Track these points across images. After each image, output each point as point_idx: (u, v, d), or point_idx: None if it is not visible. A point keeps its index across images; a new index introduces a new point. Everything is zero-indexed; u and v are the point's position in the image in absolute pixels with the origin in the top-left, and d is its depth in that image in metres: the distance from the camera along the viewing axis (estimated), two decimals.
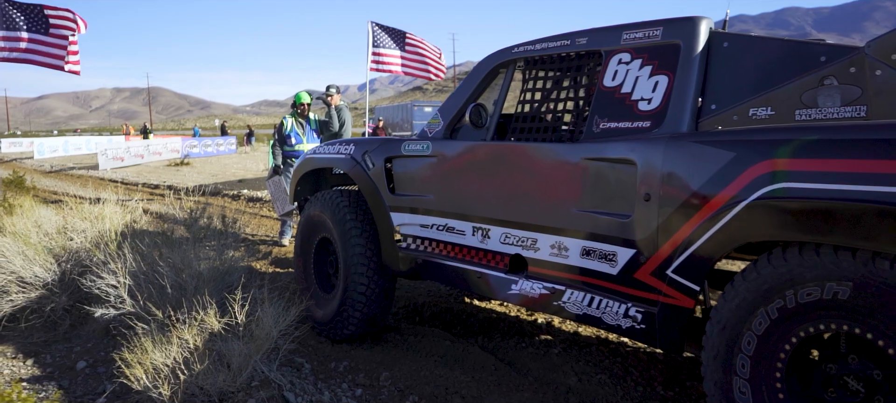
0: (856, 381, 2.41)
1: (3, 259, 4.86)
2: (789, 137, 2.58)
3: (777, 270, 2.55)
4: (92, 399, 3.69)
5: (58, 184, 18.72)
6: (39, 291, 4.74)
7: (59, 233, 5.59)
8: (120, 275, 4.42)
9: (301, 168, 5.35)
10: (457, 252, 4.12)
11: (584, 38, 3.61)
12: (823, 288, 2.41)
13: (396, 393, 3.84)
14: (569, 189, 3.39)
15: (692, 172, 2.85)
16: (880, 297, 2.25)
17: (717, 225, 2.72)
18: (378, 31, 12.64)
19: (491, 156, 3.87)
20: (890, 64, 2.57)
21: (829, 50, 2.79)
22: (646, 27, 3.34)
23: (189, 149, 31.21)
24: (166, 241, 4.84)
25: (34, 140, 42.73)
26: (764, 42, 3.01)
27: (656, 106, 3.17)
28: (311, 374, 4.04)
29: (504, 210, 3.75)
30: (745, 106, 2.94)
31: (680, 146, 2.95)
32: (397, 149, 4.44)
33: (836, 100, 2.73)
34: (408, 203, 4.37)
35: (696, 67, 3.10)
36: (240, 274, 4.74)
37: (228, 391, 3.46)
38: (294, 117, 8.64)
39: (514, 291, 3.69)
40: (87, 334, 4.61)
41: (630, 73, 3.34)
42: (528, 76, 3.99)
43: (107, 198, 6.18)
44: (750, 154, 2.64)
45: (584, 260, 3.35)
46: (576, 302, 3.39)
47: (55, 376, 4.04)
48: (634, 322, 3.12)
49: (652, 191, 2.98)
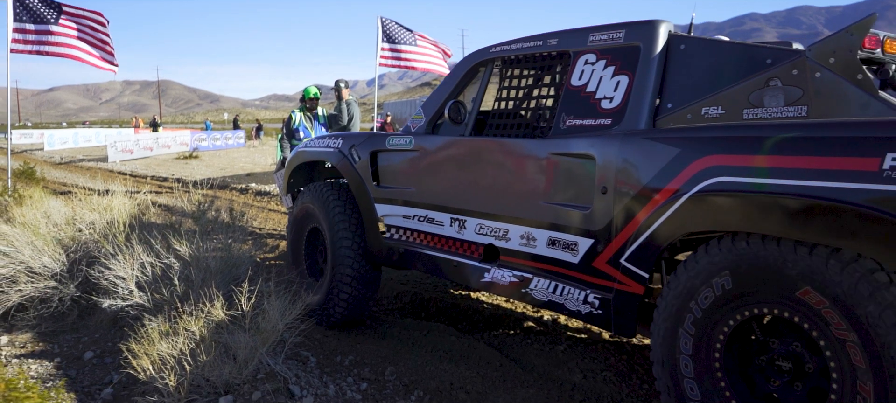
0: (783, 359, 2.62)
1: (13, 249, 4.89)
2: (725, 135, 2.80)
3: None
4: (99, 390, 3.72)
5: (67, 176, 18.82)
6: (48, 281, 4.77)
7: (67, 224, 5.62)
8: (128, 267, 4.44)
9: (293, 161, 5.57)
10: (436, 241, 4.31)
11: (554, 39, 3.82)
12: (713, 280, 2.72)
13: (401, 388, 3.85)
14: (537, 182, 3.60)
15: (642, 167, 3.05)
16: (756, 275, 2.54)
17: (664, 216, 2.92)
18: (387, 26, 12.65)
19: (467, 150, 4.07)
20: (828, 67, 2.76)
21: (775, 53, 2.96)
22: (610, 30, 3.53)
23: (198, 142, 31.31)
24: (174, 233, 4.86)
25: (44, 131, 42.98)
26: (716, 45, 3.19)
27: (617, 104, 3.36)
28: (317, 368, 4.05)
29: (479, 202, 3.95)
30: (698, 105, 3.10)
31: (632, 142, 3.15)
32: (382, 144, 4.66)
33: (779, 100, 2.88)
34: (391, 195, 4.58)
35: (654, 68, 3.27)
36: (247, 267, 4.76)
37: (234, 383, 3.48)
38: (303, 111, 8.65)
39: (486, 279, 3.89)
40: (94, 324, 4.63)
41: (595, 73, 3.52)
42: (504, 75, 4.16)
43: (115, 190, 6.21)
44: (692, 150, 2.85)
45: (549, 250, 3.55)
46: (542, 289, 3.60)
47: (63, 366, 4.06)
48: (592, 307, 3.33)
49: (608, 185, 3.20)
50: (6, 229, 5.20)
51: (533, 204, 3.61)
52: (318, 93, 8.81)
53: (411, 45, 12.94)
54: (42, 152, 33.89)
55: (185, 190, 5.87)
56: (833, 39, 2.79)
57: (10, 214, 6.16)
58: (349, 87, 8.75)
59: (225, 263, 4.68)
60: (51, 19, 10.27)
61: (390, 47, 12.68)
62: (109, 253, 4.58)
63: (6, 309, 4.67)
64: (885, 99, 2.65)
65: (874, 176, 2.26)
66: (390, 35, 12.66)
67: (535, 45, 3.94)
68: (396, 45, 12.74)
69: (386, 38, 12.60)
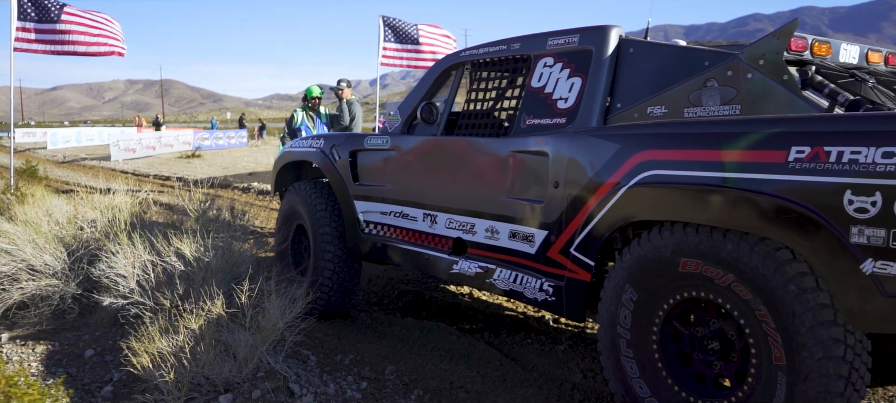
0: (710, 338, 2.87)
1: (14, 247, 4.90)
2: (658, 132, 3.04)
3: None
4: (99, 387, 3.72)
5: (70, 175, 18.86)
6: (49, 279, 4.78)
7: (69, 223, 5.63)
8: (129, 265, 4.44)
9: (280, 161, 5.86)
10: (410, 236, 4.54)
11: (517, 43, 4.07)
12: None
13: (401, 387, 3.85)
14: (500, 179, 3.83)
15: (588, 163, 3.29)
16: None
17: (606, 207, 3.16)
18: (389, 25, 12.64)
19: (438, 149, 4.33)
20: (758, 68, 2.99)
21: (712, 55, 3.18)
22: (566, 34, 3.76)
23: (200, 141, 31.35)
24: (175, 232, 4.86)
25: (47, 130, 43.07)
26: (661, 48, 3.44)
27: (571, 104, 3.60)
28: (317, 366, 4.05)
29: (448, 198, 4.20)
30: (645, 105, 3.35)
31: (580, 140, 3.39)
32: (361, 143, 4.93)
33: (716, 99, 3.11)
34: (369, 192, 4.82)
35: (605, 70, 3.50)
36: (247, 265, 4.76)
37: (234, 381, 3.48)
38: (305, 111, 8.67)
39: (455, 271, 4.14)
40: (95, 322, 4.64)
41: (552, 75, 3.75)
42: (473, 77, 4.41)
43: (117, 189, 6.22)
44: (629, 146, 3.08)
45: (510, 242, 3.79)
46: (504, 278, 3.83)
47: (63, 363, 4.07)
48: (547, 295, 3.57)
49: (559, 179, 3.43)
50: (8, 227, 5.21)
51: (496, 200, 3.84)
52: (321, 92, 8.82)
53: (414, 43, 12.94)
54: (45, 151, 33.95)
55: (187, 189, 5.87)
56: (762, 43, 3.02)
57: (12, 212, 6.17)
58: (351, 87, 8.75)
59: (226, 262, 4.69)
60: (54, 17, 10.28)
61: (392, 47, 12.69)
62: (111, 252, 4.58)
63: (7, 306, 4.68)
64: (807, 97, 2.89)
65: (781, 167, 2.50)
66: (392, 35, 12.66)
67: (500, 50, 4.17)
68: (398, 44, 12.75)
69: (388, 37, 12.60)
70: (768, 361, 2.61)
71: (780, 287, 2.53)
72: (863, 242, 2.32)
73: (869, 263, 2.33)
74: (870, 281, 2.33)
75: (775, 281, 2.55)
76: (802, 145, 2.47)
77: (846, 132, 2.39)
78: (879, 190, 2.27)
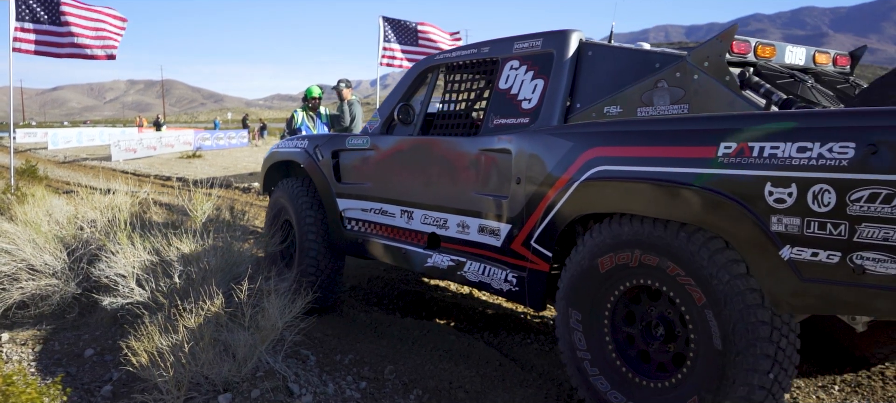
0: (655, 323, 3.09)
1: (14, 246, 4.90)
2: (606, 130, 3.28)
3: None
4: (98, 387, 3.72)
5: (70, 175, 18.86)
6: (49, 279, 4.78)
7: (69, 222, 5.64)
8: (128, 265, 4.45)
9: (267, 161, 6.08)
10: (388, 231, 4.74)
11: (487, 47, 4.27)
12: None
13: (401, 387, 3.85)
14: (470, 176, 4.03)
15: (545, 159, 3.49)
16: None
17: (560, 201, 3.37)
18: (389, 25, 12.64)
19: (413, 148, 4.54)
20: (703, 70, 3.17)
21: (663, 57, 3.37)
22: (531, 38, 3.96)
23: (201, 141, 31.35)
24: (175, 232, 4.87)
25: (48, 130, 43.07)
26: (617, 51, 3.61)
27: (534, 104, 3.79)
28: (317, 366, 4.06)
29: (423, 194, 4.39)
30: (602, 104, 3.54)
31: (538, 138, 3.58)
32: (343, 143, 5.12)
33: (666, 99, 3.29)
34: (351, 190, 5.02)
35: (565, 72, 3.70)
36: (247, 265, 4.76)
37: (233, 381, 3.48)
38: (305, 111, 8.67)
39: (429, 264, 4.33)
40: (95, 322, 4.64)
41: (517, 77, 3.95)
42: (447, 80, 4.61)
43: (118, 189, 6.22)
44: (581, 144, 3.30)
45: (479, 236, 3.98)
46: (473, 271, 4.03)
47: (63, 363, 4.07)
48: (511, 285, 3.77)
49: (521, 176, 3.62)
50: (8, 227, 5.21)
51: (466, 196, 4.04)
52: (321, 92, 8.82)
53: (413, 44, 12.94)
54: (46, 151, 33.96)
55: (187, 189, 5.89)
56: (707, 46, 3.22)
57: (12, 212, 6.17)
58: (351, 87, 8.74)
59: (225, 261, 4.69)
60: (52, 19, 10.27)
61: (392, 47, 12.69)
62: (110, 251, 4.59)
63: (7, 306, 4.68)
64: (746, 96, 3.08)
65: (711, 162, 2.71)
66: (393, 35, 12.66)
67: (471, 53, 4.38)
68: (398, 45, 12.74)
69: (388, 37, 12.60)
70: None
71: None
72: (781, 230, 2.52)
73: (787, 249, 2.52)
74: (788, 266, 2.53)
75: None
76: (729, 141, 2.67)
77: (766, 130, 2.60)
78: (795, 182, 2.47)
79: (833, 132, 2.42)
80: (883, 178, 2.28)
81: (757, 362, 2.67)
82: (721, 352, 2.74)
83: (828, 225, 2.41)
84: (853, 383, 3.92)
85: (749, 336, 2.67)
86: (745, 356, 2.68)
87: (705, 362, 2.81)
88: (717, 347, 2.75)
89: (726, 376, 2.72)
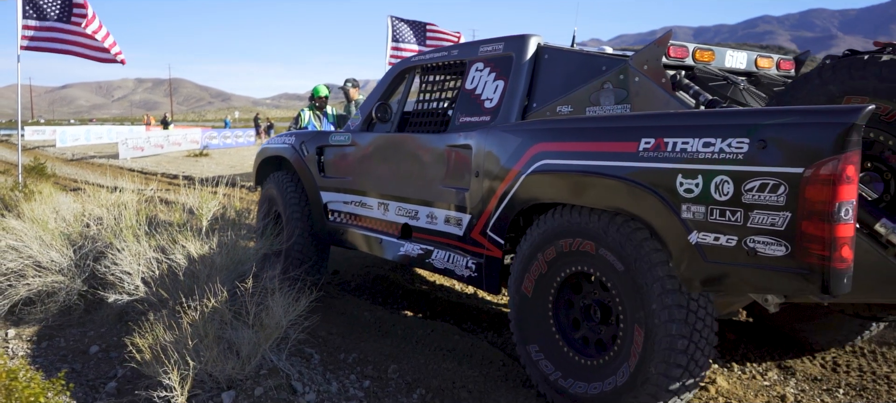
0: (596, 309, 3.36)
1: (21, 243, 4.93)
2: (549, 127, 3.59)
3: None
4: (103, 383, 3.74)
5: (78, 172, 18.95)
6: (55, 276, 4.81)
7: (76, 220, 5.67)
8: (134, 262, 4.47)
9: (258, 156, 6.46)
10: (366, 222, 5.08)
11: (456, 50, 4.57)
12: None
13: (404, 386, 3.85)
14: (437, 170, 4.31)
15: (498, 154, 3.79)
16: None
17: (511, 192, 3.67)
18: (397, 25, 12.64)
19: (389, 144, 4.84)
20: (643, 72, 3.41)
21: (609, 61, 3.63)
22: (494, 42, 4.24)
23: (208, 140, 31.45)
24: (180, 230, 4.89)
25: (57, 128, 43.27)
26: (570, 54, 3.87)
27: (495, 104, 4.05)
28: (320, 365, 4.06)
29: (397, 188, 4.70)
30: (555, 104, 3.79)
31: (493, 134, 3.89)
32: (326, 140, 5.45)
33: (611, 99, 3.54)
34: (333, 184, 5.37)
35: (523, 74, 3.96)
36: (252, 263, 4.77)
37: (237, 378, 3.49)
38: (312, 110, 8.67)
39: (401, 252, 4.65)
40: (100, 319, 4.66)
41: (482, 78, 4.21)
42: (422, 80, 4.94)
43: (124, 187, 6.25)
44: (528, 140, 3.60)
45: (445, 226, 4.28)
46: (440, 258, 4.32)
47: (68, 359, 4.09)
48: (471, 271, 4.07)
49: (479, 169, 3.92)
50: (15, 224, 5.24)
51: (435, 188, 4.33)
52: (329, 92, 8.83)
53: (421, 44, 12.93)
54: (54, 149, 34.13)
55: (193, 187, 5.91)
56: (646, 50, 3.44)
57: (19, 209, 6.21)
58: (358, 87, 8.75)
59: (230, 259, 4.70)
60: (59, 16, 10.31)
61: (400, 47, 12.68)
62: (116, 249, 4.61)
63: (14, 302, 4.71)
64: (679, 97, 3.30)
65: (634, 155, 2.98)
66: (400, 35, 12.66)
67: (443, 56, 4.67)
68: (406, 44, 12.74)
69: (396, 37, 12.60)
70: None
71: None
72: (690, 217, 2.79)
73: (694, 234, 2.79)
74: (695, 250, 2.79)
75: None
76: (649, 137, 2.95)
77: (679, 126, 2.89)
78: (701, 173, 2.74)
79: (731, 129, 2.70)
80: (770, 170, 2.55)
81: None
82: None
83: (727, 212, 2.68)
84: (858, 387, 3.91)
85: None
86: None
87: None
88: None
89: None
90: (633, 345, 3.06)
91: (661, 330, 2.94)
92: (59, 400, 3.14)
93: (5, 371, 2.84)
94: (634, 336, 3.06)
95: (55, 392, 3.03)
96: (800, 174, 2.48)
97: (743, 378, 4.05)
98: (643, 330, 3.01)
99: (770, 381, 4.01)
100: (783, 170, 2.52)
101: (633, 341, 3.07)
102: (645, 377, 3.00)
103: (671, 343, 2.93)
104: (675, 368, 2.94)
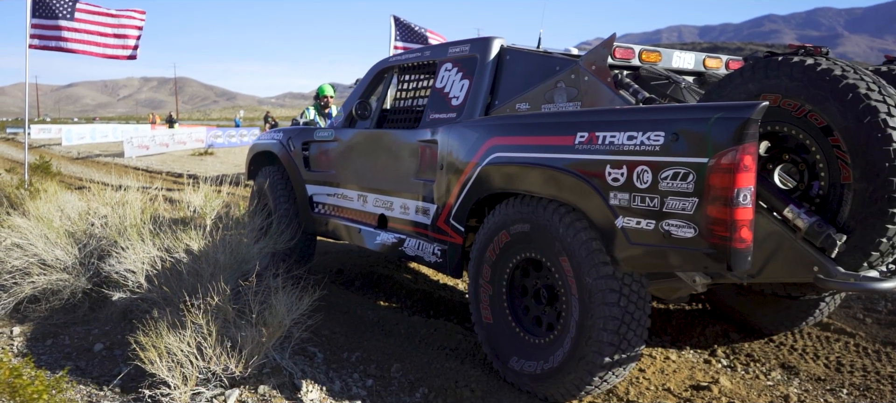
0: (544, 292, 3.68)
1: (26, 241, 4.94)
2: (502, 123, 3.86)
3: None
4: (107, 381, 3.75)
5: (83, 171, 19.02)
6: (60, 274, 4.82)
7: (81, 218, 5.68)
8: (138, 260, 4.48)
9: (250, 152, 6.83)
10: (347, 213, 5.45)
11: (429, 51, 4.89)
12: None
13: (407, 385, 3.86)
14: (409, 163, 4.63)
15: (458, 148, 4.09)
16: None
17: (469, 183, 3.97)
18: (400, 25, 12.65)
19: (368, 139, 5.19)
20: (591, 73, 3.65)
21: (562, 61, 3.86)
22: (461, 44, 4.54)
23: (213, 138, 31.49)
24: (185, 228, 4.90)
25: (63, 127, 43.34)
26: (529, 55, 4.13)
27: (461, 102, 4.34)
28: (324, 363, 4.07)
29: (375, 180, 5.04)
30: (514, 102, 4.06)
31: (454, 130, 4.18)
32: (311, 136, 5.83)
33: (563, 98, 3.78)
34: (318, 177, 5.75)
35: (487, 74, 4.24)
36: (255, 262, 4.78)
37: (240, 376, 3.50)
38: (316, 109, 8.68)
39: (378, 241, 5.00)
40: (105, 317, 4.67)
41: (450, 78, 4.50)
42: (399, 79, 5.31)
43: (129, 186, 6.27)
44: (484, 134, 3.90)
45: (416, 216, 4.61)
46: (411, 246, 4.65)
47: (73, 356, 4.11)
48: (436, 257, 4.40)
49: (443, 163, 4.23)
50: (20, 222, 5.26)
51: (407, 181, 4.65)
52: (334, 91, 8.83)
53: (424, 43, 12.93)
54: (59, 147, 34.21)
55: (198, 186, 5.94)
56: (594, 52, 3.69)
57: (24, 207, 6.23)
58: None
59: (234, 258, 4.71)
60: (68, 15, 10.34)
61: (403, 47, 12.69)
62: (121, 247, 4.62)
63: (19, 300, 4.73)
64: (622, 96, 3.54)
65: (570, 148, 3.28)
66: (403, 34, 12.66)
67: (417, 56, 5.00)
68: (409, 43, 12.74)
69: (398, 37, 12.60)
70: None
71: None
72: (616, 204, 3.08)
73: (620, 219, 3.07)
74: (621, 233, 3.08)
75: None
76: (583, 131, 3.24)
77: (608, 121, 3.16)
78: (625, 164, 3.02)
79: (651, 124, 2.96)
80: (681, 160, 2.82)
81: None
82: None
83: (646, 198, 2.95)
84: (862, 387, 3.90)
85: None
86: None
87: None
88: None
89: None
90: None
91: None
92: (63, 398, 3.15)
93: (10, 369, 2.86)
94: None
95: (59, 390, 3.04)
96: (705, 163, 2.75)
97: (746, 377, 4.04)
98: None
99: (773, 381, 4.00)
100: (692, 159, 2.80)
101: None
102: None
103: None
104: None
